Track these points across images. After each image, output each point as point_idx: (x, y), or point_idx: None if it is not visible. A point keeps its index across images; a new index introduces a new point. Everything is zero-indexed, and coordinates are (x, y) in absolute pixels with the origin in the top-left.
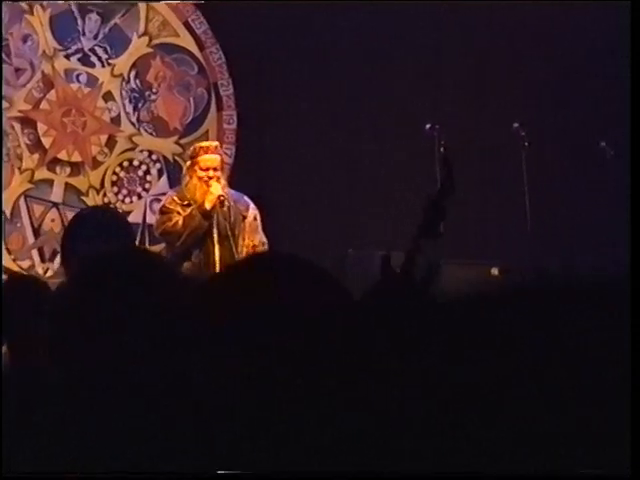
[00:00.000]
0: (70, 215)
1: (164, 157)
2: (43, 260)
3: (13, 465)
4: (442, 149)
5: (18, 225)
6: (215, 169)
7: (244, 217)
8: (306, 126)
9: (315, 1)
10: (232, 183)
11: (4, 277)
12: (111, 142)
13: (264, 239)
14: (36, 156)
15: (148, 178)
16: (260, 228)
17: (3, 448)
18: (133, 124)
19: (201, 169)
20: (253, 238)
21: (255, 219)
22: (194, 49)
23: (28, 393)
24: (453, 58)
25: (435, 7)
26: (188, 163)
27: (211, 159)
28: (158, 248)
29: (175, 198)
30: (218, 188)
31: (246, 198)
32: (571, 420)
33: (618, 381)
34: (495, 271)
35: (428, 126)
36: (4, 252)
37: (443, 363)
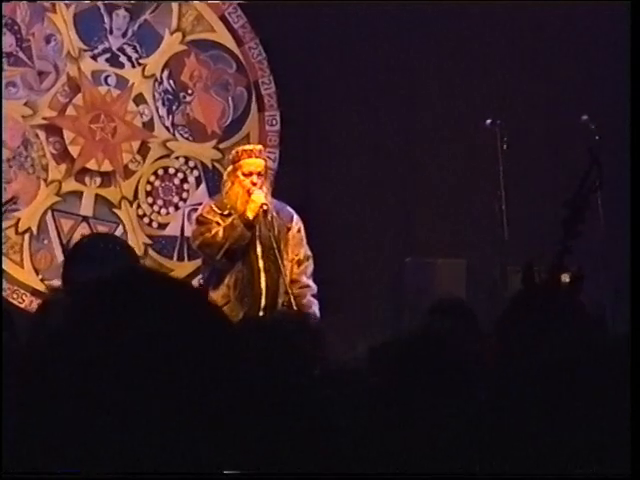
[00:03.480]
0: (102, 229)
1: (202, 163)
2: None
3: (13, 465)
4: (505, 146)
5: (45, 242)
6: (259, 174)
7: (288, 229)
8: (356, 127)
9: None
10: (276, 189)
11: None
12: (144, 149)
13: (309, 252)
14: (63, 166)
15: (185, 187)
16: (305, 241)
17: (3, 448)
18: (167, 129)
19: (244, 174)
20: (298, 252)
21: (299, 231)
22: (232, 45)
23: (28, 393)
24: (508, 50)
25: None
26: (229, 168)
27: (255, 163)
28: (196, 264)
29: (214, 207)
30: (261, 196)
31: (289, 208)
32: (572, 422)
33: (618, 384)
34: (566, 278)
35: (489, 121)
36: (32, 272)
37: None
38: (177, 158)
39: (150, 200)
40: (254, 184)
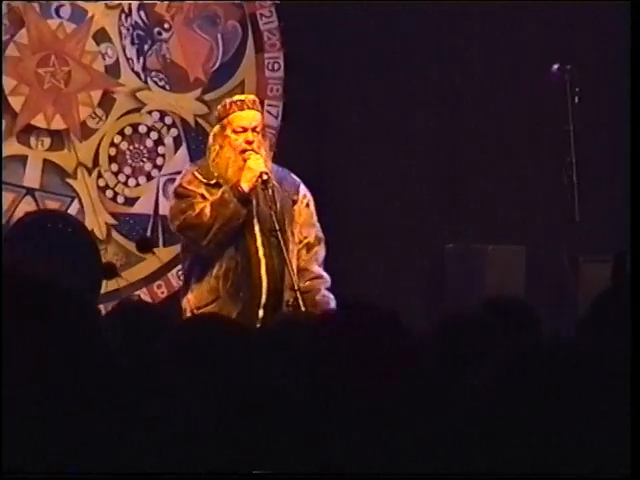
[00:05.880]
0: (52, 205)
1: (182, 120)
2: None
3: (13, 465)
4: (576, 99)
5: None
6: (254, 130)
7: (293, 202)
8: (382, 74)
9: None
10: (277, 154)
11: None
12: (107, 101)
13: (321, 234)
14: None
15: (160, 150)
16: (315, 219)
17: (3, 448)
18: (137, 74)
19: (235, 132)
20: (307, 233)
21: (308, 205)
22: None
23: (28, 394)
24: None
25: None
26: (217, 127)
27: (248, 116)
28: (176, 250)
29: (197, 175)
30: (260, 162)
31: (293, 176)
32: (573, 422)
33: (618, 384)
34: None
35: (556, 66)
36: None
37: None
38: (150, 113)
39: (115, 168)
40: (249, 143)
